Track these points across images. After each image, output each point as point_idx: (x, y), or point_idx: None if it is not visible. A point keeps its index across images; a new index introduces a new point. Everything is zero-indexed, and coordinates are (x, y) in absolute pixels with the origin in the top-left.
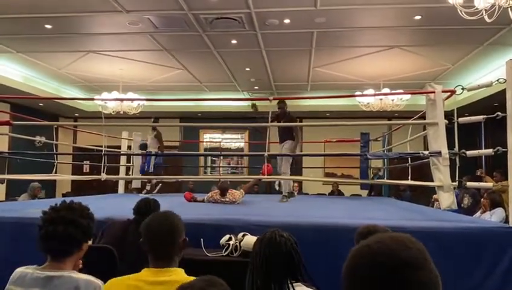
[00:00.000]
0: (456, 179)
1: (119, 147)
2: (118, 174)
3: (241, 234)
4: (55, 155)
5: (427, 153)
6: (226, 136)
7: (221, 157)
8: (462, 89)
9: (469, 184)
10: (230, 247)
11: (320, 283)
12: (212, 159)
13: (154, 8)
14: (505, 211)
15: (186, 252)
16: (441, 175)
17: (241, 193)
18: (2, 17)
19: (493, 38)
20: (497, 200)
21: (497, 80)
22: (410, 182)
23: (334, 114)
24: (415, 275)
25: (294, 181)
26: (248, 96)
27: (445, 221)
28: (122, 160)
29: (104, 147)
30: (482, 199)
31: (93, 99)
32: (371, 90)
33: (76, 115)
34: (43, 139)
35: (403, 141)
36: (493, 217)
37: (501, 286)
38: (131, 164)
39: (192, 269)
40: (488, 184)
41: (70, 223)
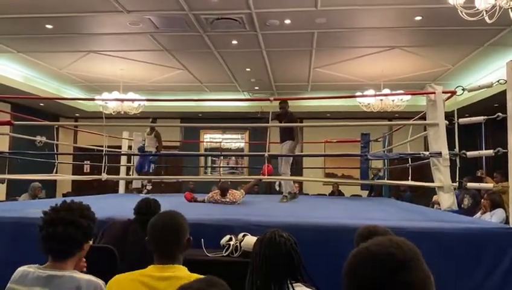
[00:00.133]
0: (457, 179)
1: (120, 147)
2: (118, 174)
3: (242, 234)
4: (55, 155)
5: (427, 153)
6: (226, 136)
7: (222, 157)
8: (463, 89)
9: (469, 185)
10: (230, 247)
11: (320, 284)
12: (213, 160)
13: (155, 8)
14: (505, 211)
15: (186, 253)
16: (442, 176)
17: (242, 193)
18: (3, 17)
19: (494, 39)
20: (497, 201)
21: (498, 80)
22: (410, 182)
23: (334, 114)
24: (410, 276)
25: (295, 181)
26: (248, 96)
27: (445, 222)
28: (123, 160)
29: (104, 147)
30: (482, 200)
31: (93, 99)
32: (372, 91)
33: (77, 115)
34: (44, 139)
35: (403, 142)
36: (493, 217)
37: (501, 286)
38: (132, 164)
39: (193, 269)
40: (489, 185)
41: (70, 224)
